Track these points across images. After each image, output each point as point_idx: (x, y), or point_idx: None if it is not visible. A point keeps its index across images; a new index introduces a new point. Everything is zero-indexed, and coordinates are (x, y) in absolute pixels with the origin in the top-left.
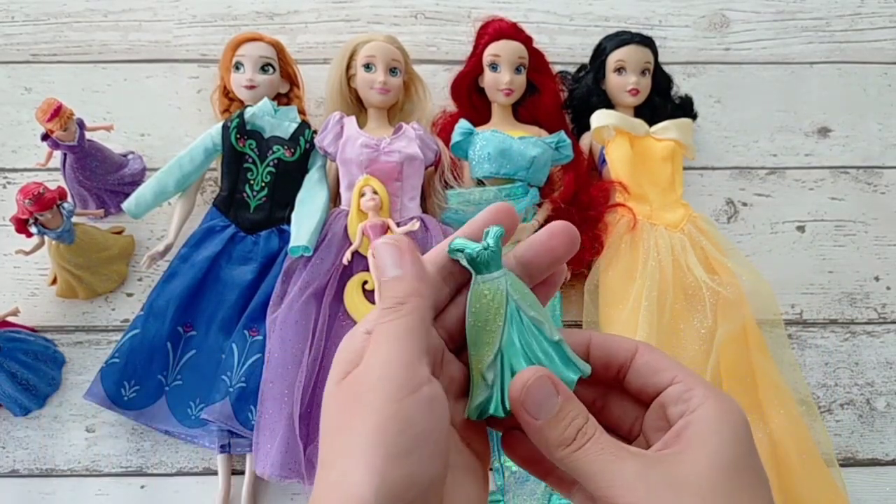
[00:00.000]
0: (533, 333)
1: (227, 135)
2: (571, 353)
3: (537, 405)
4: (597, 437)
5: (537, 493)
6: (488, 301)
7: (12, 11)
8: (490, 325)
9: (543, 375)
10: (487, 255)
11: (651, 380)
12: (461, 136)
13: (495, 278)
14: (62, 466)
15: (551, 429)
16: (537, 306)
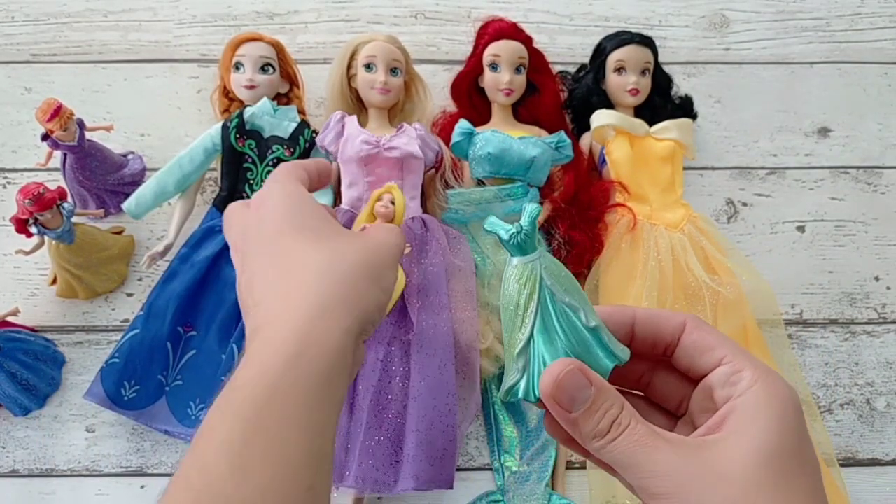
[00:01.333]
0: (568, 320)
1: (227, 135)
2: (609, 337)
3: (569, 398)
4: (631, 427)
5: (537, 493)
6: (521, 286)
7: (12, 11)
8: (522, 310)
9: (574, 368)
10: (520, 239)
11: (699, 359)
12: (461, 136)
13: (528, 262)
14: (62, 466)
15: (585, 421)
16: (574, 290)
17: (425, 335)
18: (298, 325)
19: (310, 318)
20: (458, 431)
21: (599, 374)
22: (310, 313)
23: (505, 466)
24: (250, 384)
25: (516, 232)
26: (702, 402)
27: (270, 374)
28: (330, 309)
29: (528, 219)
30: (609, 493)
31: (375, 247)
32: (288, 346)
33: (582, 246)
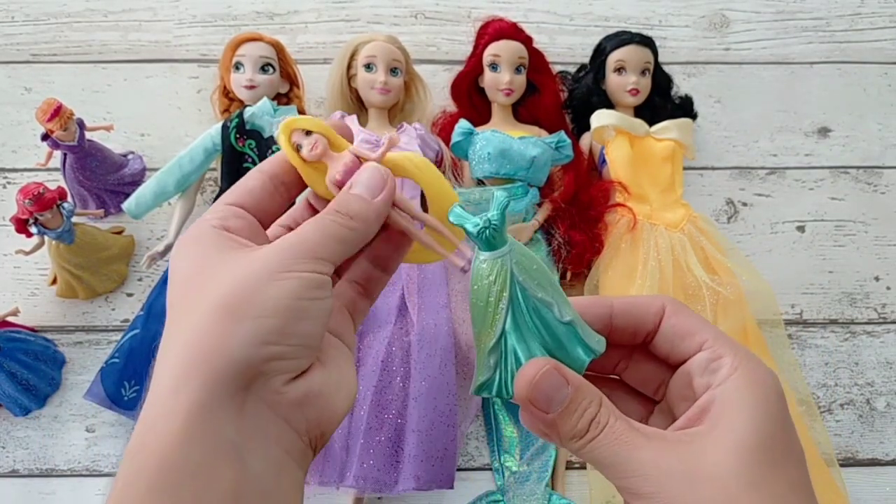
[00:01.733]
0: (540, 316)
1: (227, 134)
2: (584, 330)
3: (546, 399)
4: (610, 425)
5: (537, 493)
6: (490, 281)
7: (12, 11)
8: (492, 307)
9: (549, 369)
10: (489, 234)
11: (679, 345)
12: (461, 136)
13: (498, 257)
14: (62, 466)
15: (563, 421)
16: (547, 283)
17: (426, 335)
18: (141, 417)
19: (149, 405)
20: (458, 431)
21: (575, 369)
22: (151, 396)
23: (505, 466)
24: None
25: (484, 227)
26: (680, 390)
27: (120, 472)
28: (171, 381)
29: (497, 210)
30: (609, 493)
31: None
32: (129, 447)
33: (582, 246)
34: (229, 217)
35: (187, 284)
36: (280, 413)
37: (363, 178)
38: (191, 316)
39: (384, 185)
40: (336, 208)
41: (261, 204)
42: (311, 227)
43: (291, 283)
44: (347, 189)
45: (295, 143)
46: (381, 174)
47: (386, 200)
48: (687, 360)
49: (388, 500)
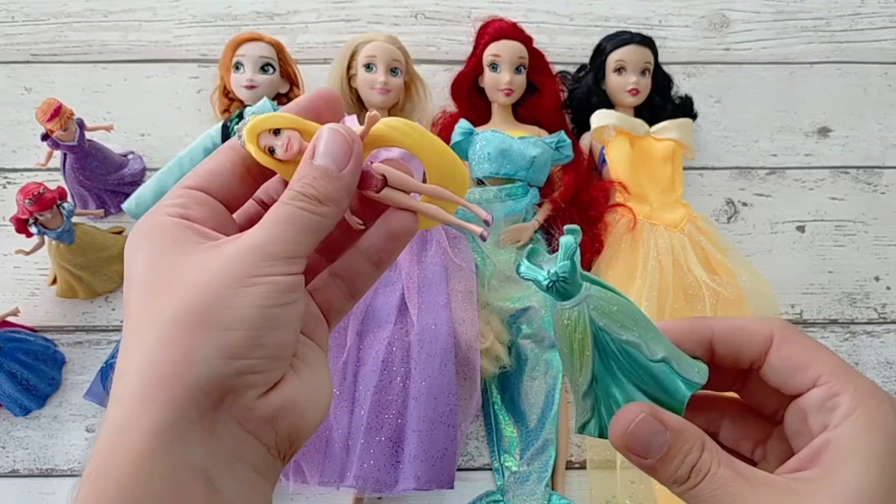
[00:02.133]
0: (630, 359)
1: (227, 135)
2: (682, 362)
3: (644, 446)
4: (712, 473)
5: (537, 493)
6: (571, 330)
7: (12, 11)
8: (577, 355)
9: (645, 416)
10: (560, 287)
11: (791, 380)
12: (461, 136)
13: (574, 306)
14: (62, 466)
15: (663, 467)
16: (631, 322)
17: (426, 335)
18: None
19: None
20: (458, 431)
21: (676, 406)
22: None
23: (505, 466)
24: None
25: (553, 280)
26: (796, 424)
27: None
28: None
29: (566, 259)
30: (609, 493)
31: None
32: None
33: (582, 246)
34: (190, 204)
35: (145, 288)
36: (251, 429)
37: (324, 145)
38: (150, 327)
39: (350, 149)
40: (301, 190)
41: (228, 187)
42: (277, 218)
43: (259, 290)
44: (309, 159)
45: (265, 147)
46: (343, 137)
47: (354, 170)
48: (802, 395)
49: (388, 500)
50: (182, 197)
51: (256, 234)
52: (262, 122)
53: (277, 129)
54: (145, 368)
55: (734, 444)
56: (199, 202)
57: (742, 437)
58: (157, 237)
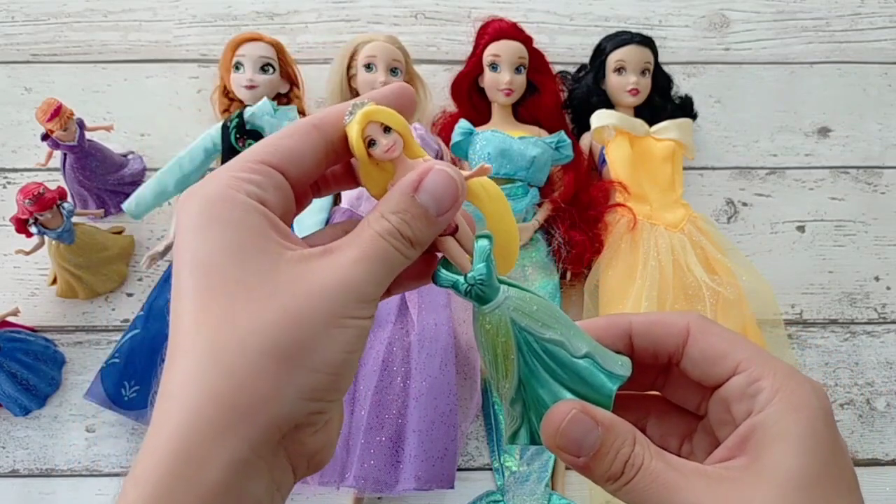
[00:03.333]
0: (554, 357)
1: (227, 134)
2: (605, 357)
3: (576, 444)
4: (645, 466)
5: (537, 493)
6: (493, 335)
7: (12, 11)
8: (501, 359)
9: (576, 413)
10: (478, 290)
11: (710, 370)
12: (461, 136)
13: (495, 308)
14: (62, 466)
15: (596, 464)
16: (552, 321)
17: (426, 335)
18: (165, 455)
19: (181, 444)
20: (458, 431)
21: (604, 401)
22: (182, 436)
23: (505, 466)
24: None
25: (471, 285)
26: (720, 414)
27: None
28: (208, 429)
29: (481, 262)
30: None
31: (304, 304)
32: (148, 489)
33: (582, 246)
34: (267, 186)
35: (221, 285)
36: (293, 462)
37: (434, 185)
38: (230, 346)
39: (455, 197)
40: (398, 227)
41: (305, 171)
42: (373, 255)
43: (350, 334)
44: (410, 192)
45: (368, 137)
46: (456, 185)
47: (450, 219)
48: (723, 384)
49: (388, 500)
50: (259, 174)
51: (354, 271)
52: (382, 113)
53: (388, 127)
54: (226, 394)
55: (661, 441)
56: (275, 185)
57: (668, 433)
58: (235, 220)
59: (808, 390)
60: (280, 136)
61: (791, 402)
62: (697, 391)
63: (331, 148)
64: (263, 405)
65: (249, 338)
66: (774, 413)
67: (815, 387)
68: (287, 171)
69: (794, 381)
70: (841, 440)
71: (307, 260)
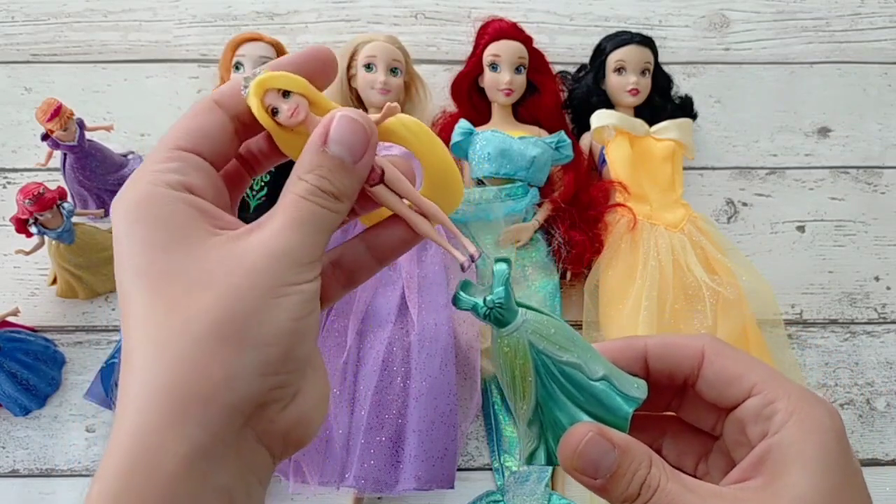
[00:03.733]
0: (571, 380)
1: None
2: (622, 380)
3: (593, 466)
4: (661, 487)
5: (537, 493)
6: (511, 357)
7: (12, 11)
8: (519, 381)
9: (593, 435)
10: (497, 314)
11: (726, 392)
12: (461, 136)
13: (513, 332)
14: (62, 466)
15: (613, 486)
16: (569, 343)
17: (426, 335)
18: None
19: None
20: (458, 431)
21: (620, 423)
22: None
23: (505, 466)
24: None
25: (489, 308)
26: (735, 435)
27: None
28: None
29: (500, 286)
30: None
31: (239, 281)
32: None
33: (582, 246)
34: (188, 170)
35: (154, 283)
36: (265, 443)
37: (342, 133)
38: (174, 335)
39: (367, 139)
40: (317, 185)
41: (219, 149)
42: (299, 218)
43: (291, 301)
44: (320, 146)
45: (269, 106)
46: (360, 125)
47: (369, 162)
48: (738, 406)
49: (388, 500)
50: (177, 161)
51: (282, 237)
52: (275, 79)
53: (287, 92)
54: (176, 383)
55: (676, 461)
56: (196, 168)
57: (683, 453)
58: (161, 216)
59: (823, 412)
60: (186, 117)
61: (806, 425)
62: (713, 412)
63: (238, 122)
64: (215, 389)
65: (191, 324)
66: (790, 435)
67: (829, 408)
68: (202, 153)
69: (808, 403)
70: (855, 461)
71: (237, 239)
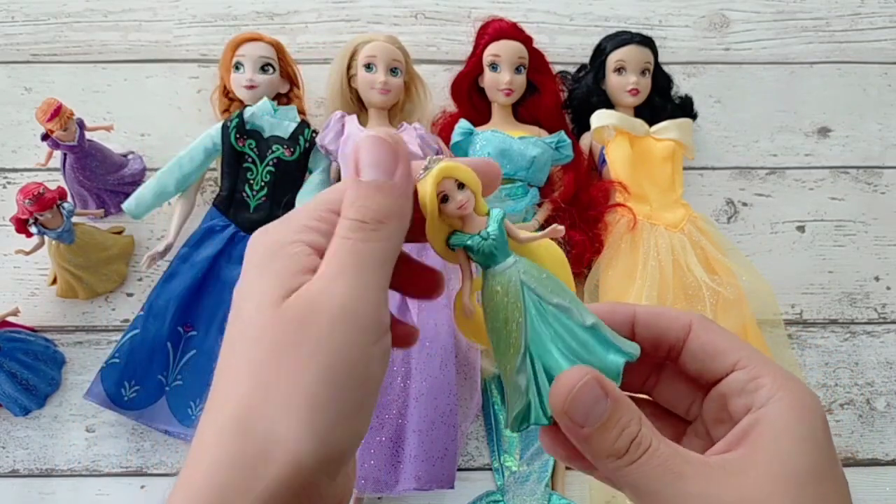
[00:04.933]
0: (561, 323)
1: (227, 134)
2: (612, 334)
3: (584, 412)
4: (653, 448)
5: (537, 493)
6: (502, 297)
7: (12, 11)
8: (510, 324)
9: (590, 378)
10: (489, 245)
11: (709, 364)
12: (461, 136)
13: (505, 270)
14: (62, 466)
15: (600, 438)
16: (561, 289)
17: (426, 335)
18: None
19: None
20: (458, 431)
21: (611, 375)
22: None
23: (505, 466)
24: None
25: (483, 239)
26: (716, 412)
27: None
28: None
29: (494, 223)
30: (609, 494)
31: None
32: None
33: (582, 246)
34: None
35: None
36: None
37: (369, 154)
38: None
39: (396, 153)
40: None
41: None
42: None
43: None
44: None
45: (441, 193)
46: (385, 142)
47: (405, 176)
48: (720, 380)
49: (388, 500)
50: (325, 222)
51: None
52: (459, 170)
53: (462, 185)
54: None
55: None
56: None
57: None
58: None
59: (807, 393)
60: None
61: (792, 402)
62: (689, 393)
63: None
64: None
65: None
66: (777, 409)
67: (813, 394)
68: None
69: (793, 381)
70: (834, 450)
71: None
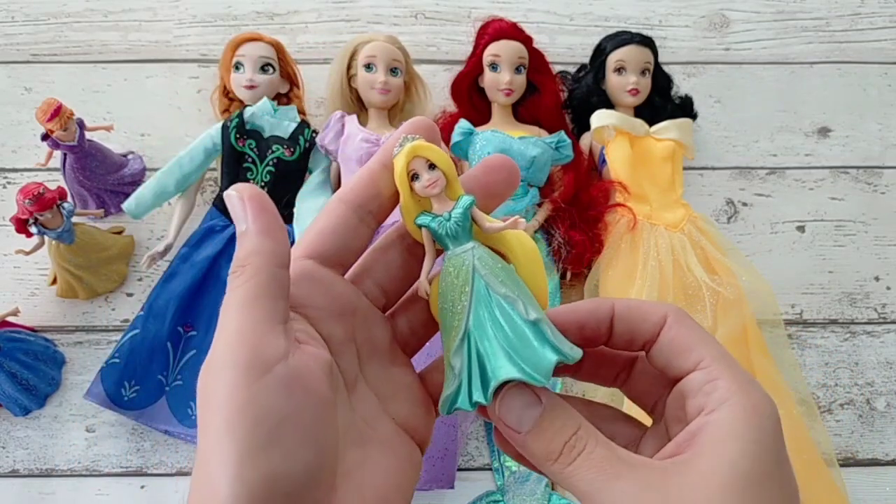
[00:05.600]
0: (504, 312)
1: (227, 134)
2: (554, 333)
3: (516, 416)
4: (587, 451)
5: (537, 493)
6: (453, 278)
7: (12, 11)
8: (456, 306)
9: (521, 382)
10: (450, 228)
11: (675, 360)
12: (461, 136)
13: (461, 253)
14: (62, 466)
15: (535, 441)
16: (512, 282)
17: None
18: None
19: None
20: (458, 431)
21: (541, 371)
22: None
23: (505, 466)
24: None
25: (445, 220)
26: (675, 411)
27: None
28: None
29: (460, 208)
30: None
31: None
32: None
33: (582, 246)
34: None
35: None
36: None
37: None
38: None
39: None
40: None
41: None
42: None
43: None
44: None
45: (412, 171)
46: (229, 197)
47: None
48: (681, 379)
49: None
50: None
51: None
52: (427, 149)
53: (433, 165)
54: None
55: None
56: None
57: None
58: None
59: (763, 398)
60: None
61: (745, 406)
62: (655, 391)
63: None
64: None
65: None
66: (727, 413)
67: (769, 399)
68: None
69: (749, 385)
70: (786, 453)
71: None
